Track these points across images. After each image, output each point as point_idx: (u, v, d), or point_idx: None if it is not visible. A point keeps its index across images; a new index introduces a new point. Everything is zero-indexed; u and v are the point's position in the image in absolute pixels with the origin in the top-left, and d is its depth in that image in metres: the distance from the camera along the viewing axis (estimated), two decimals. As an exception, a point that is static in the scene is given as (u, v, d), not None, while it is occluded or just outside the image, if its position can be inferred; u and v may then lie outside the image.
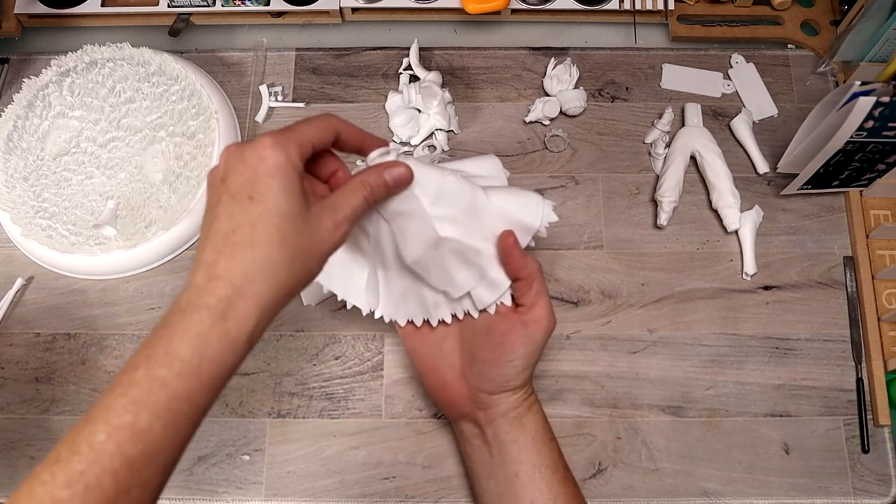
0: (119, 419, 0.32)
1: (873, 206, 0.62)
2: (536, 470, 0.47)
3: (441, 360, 0.50)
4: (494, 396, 0.48)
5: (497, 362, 0.47)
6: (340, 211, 0.38)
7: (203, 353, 0.33)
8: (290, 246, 0.36)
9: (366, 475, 0.56)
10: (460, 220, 0.46)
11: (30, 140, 0.62)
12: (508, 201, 0.48)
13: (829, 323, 0.60)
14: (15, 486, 0.56)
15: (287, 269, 0.36)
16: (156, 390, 0.32)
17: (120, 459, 0.31)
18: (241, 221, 0.35)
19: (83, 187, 0.60)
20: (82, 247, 0.59)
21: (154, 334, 0.34)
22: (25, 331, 0.61)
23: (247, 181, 0.36)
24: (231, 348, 0.34)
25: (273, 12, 0.69)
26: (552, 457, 0.48)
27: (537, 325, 0.47)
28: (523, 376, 0.48)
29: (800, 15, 0.69)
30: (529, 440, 0.48)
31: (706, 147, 0.63)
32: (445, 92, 0.65)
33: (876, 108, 0.49)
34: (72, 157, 0.61)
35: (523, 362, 0.47)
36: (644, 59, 0.68)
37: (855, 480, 0.56)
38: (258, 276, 0.35)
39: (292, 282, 0.36)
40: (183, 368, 0.33)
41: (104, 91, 0.63)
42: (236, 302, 0.34)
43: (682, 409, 0.58)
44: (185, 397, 0.33)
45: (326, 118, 0.40)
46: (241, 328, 0.34)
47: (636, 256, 0.62)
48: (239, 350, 0.35)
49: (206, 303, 0.34)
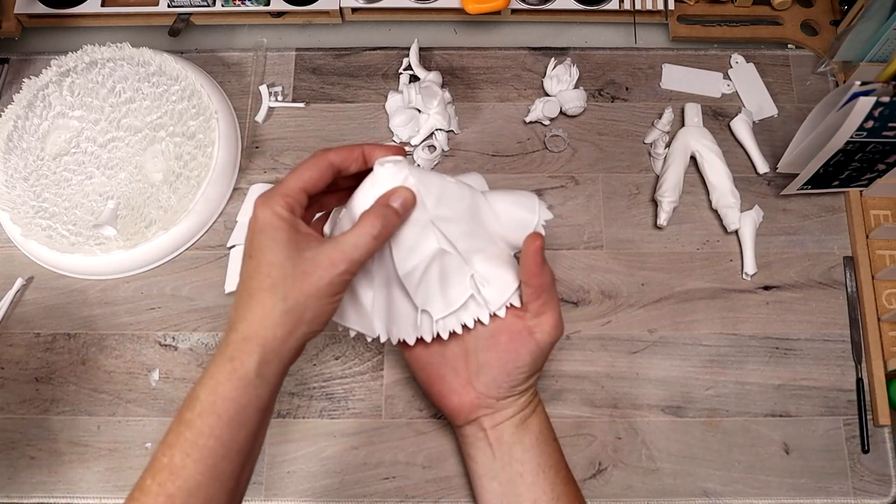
0: (158, 462, 0.38)
1: (873, 206, 0.62)
2: (540, 470, 0.47)
3: (445, 368, 0.50)
4: (502, 401, 0.48)
5: (504, 369, 0.47)
6: (341, 249, 0.41)
7: (217, 391, 0.39)
8: (281, 289, 0.40)
9: (366, 475, 0.56)
10: (462, 220, 0.46)
11: (30, 140, 0.62)
12: (505, 201, 0.48)
13: (829, 323, 0.60)
14: (15, 486, 0.56)
15: (281, 310, 0.40)
16: (183, 431, 0.38)
17: (163, 497, 0.37)
18: (244, 277, 0.41)
19: (83, 187, 0.60)
20: (82, 247, 0.59)
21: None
22: (25, 331, 0.61)
23: (247, 241, 0.42)
24: (240, 384, 0.39)
25: (273, 12, 0.69)
26: (555, 457, 0.49)
27: (544, 334, 0.47)
28: (530, 381, 0.49)
29: (800, 15, 0.69)
30: (533, 440, 0.48)
31: (706, 147, 0.63)
32: (445, 92, 0.65)
33: (876, 109, 0.49)
34: (72, 157, 0.61)
35: (530, 369, 0.48)
36: (644, 59, 0.68)
37: (855, 480, 0.56)
38: (256, 320, 0.40)
39: (291, 320, 0.40)
40: (203, 408, 0.38)
41: (104, 91, 0.63)
42: (240, 345, 0.39)
43: (682, 409, 0.58)
44: (209, 434, 0.38)
45: (316, 157, 0.43)
46: (245, 366, 0.39)
47: (636, 256, 0.62)
48: (249, 386, 0.39)
49: (221, 351, 0.40)
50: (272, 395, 0.41)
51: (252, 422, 0.39)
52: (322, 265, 0.40)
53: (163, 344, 0.60)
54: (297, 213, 0.42)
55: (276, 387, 0.41)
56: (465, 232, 0.46)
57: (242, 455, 0.39)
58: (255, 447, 0.41)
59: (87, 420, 0.58)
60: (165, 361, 0.60)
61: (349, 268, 0.41)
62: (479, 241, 0.47)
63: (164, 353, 0.60)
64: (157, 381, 0.59)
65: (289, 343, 0.41)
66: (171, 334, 0.60)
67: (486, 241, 0.47)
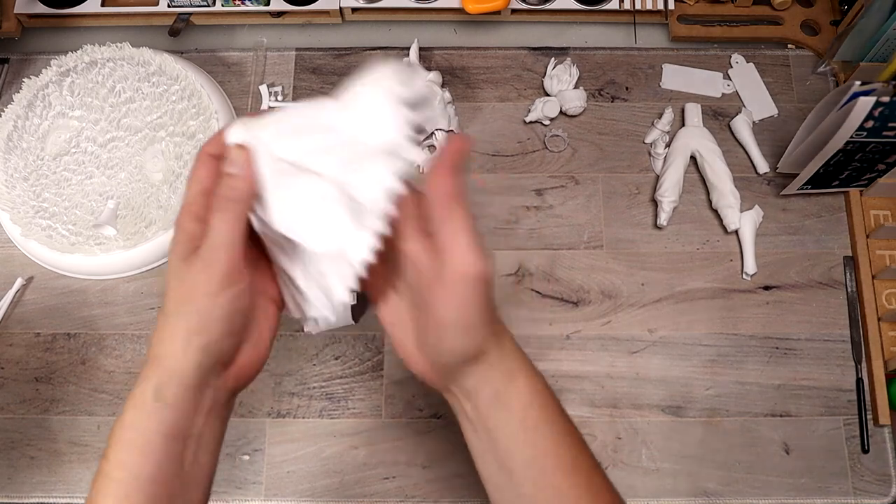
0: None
1: (873, 206, 0.62)
2: (535, 465, 0.38)
3: (401, 329, 0.41)
4: (452, 371, 0.38)
5: (429, 330, 0.38)
6: (206, 247, 0.37)
7: (121, 420, 0.38)
8: (166, 303, 0.37)
9: (366, 475, 0.56)
10: (327, 150, 0.40)
11: (30, 140, 0.62)
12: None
13: (829, 323, 0.60)
14: (15, 486, 0.56)
15: (166, 323, 0.37)
16: (101, 465, 0.38)
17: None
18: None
19: (83, 187, 0.60)
20: (82, 247, 0.59)
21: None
22: (25, 331, 0.61)
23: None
24: (139, 410, 0.37)
25: (273, 12, 0.69)
26: (550, 447, 0.38)
27: (457, 277, 0.35)
28: (469, 344, 0.37)
29: (800, 15, 0.69)
30: (517, 425, 0.38)
31: (706, 147, 0.63)
32: (445, 92, 0.65)
33: (876, 108, 0.49)
34: (72, 157, 0.61)
35: (459, 328, 0.36)
36: (644, 59, 0.68)
37: (855, 480, 0.56)
38: (154, 341, 0.37)
39: (179, 331, 0.37)
40: (112, 439, 0.38)
41: (104, 91, 0.63)
42: (144, 369, 0.38)
43: (682, 409, 0.58)
44: (116, 464, 0.37)
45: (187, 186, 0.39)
46: (143, 390, 0.37)
47: (636, 256, 0.62)
48: (149, 411, 0.37)
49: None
50: (182, 419, 0.36)
51: (159, 450, 0.36)
52: (196, 268, 0.37)
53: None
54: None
55: (184, 411, 0.37)
56: (334, 160, 0.39)
57: (158, 485, 0.36)
58: (179, 475, 0.37)
59: (87, 420, 0.58)
60: (165, 361, 0.60)
61: (221, 259, 0.36)
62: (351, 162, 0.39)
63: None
64: (157, 381, 0.59)
65: (186, 358, 0.36)
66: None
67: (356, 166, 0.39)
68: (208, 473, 0.38)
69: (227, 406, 0.40)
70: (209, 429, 0.38)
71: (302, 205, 0.39)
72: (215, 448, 0.39)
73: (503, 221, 0.63)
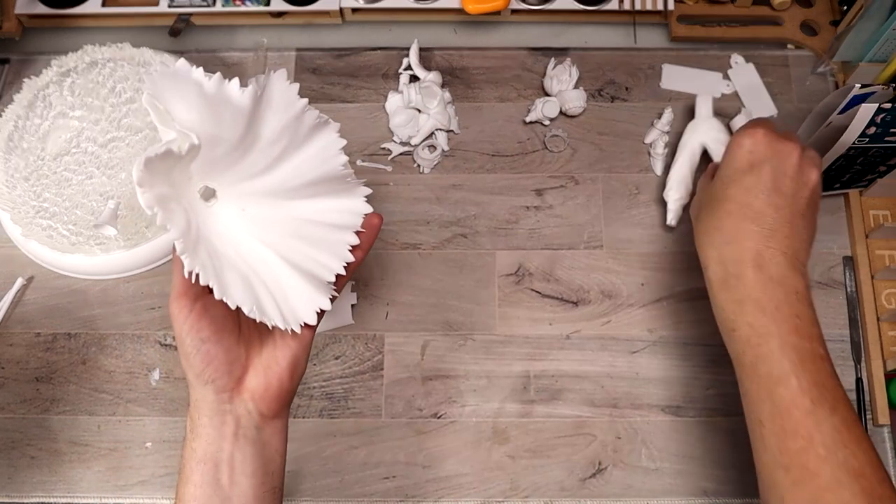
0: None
1: (873, 206, 0.62)
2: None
3: None
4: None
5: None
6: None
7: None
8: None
9: (366, 475, 0.56)
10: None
11: (30, 140, 0.62)
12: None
13: (828, 323, 0.60)
14: (15, 486, 0.56)
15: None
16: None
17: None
18: None
19: (84, 187, 0.60)
20: (83, 247, 0.59)
21: None
22: (26, 331, 0.61)
23: None
24: (186, 437, 0.41)
25: (273, 12, 0.69)
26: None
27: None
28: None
29: (799, 15, 0.69)
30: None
31: (717, 140, 0.61)
32: (445, 92, 0.65)
33: (878, 115, 0.49)
34: (72, 157, 0.61)
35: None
36: (644, 59, 0.68)
37: (854, 480, 0.56)
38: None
39: (192, 370, 0.41)
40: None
41: (105, 91, 0.63)
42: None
43: (682, 409, 0.58)
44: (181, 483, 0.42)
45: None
46: (188, 420, 0.42)
47: (636, 256, 0.62)
48: (186, 439, 0.41)
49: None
50: (207, 444, 0.40)
51: (195, 473, 0.40)
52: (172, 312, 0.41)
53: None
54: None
55: (207, 437, 0.40)
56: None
57: (198, 502, 0.40)
58: (217, 495, 0.40)
59: (88, 420, 0.58)
60: (166, 361, 0.60)
61: (181, 305, 0.40)
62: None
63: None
64: (158, 381, 0.59)
65: (195, 390, 0.41)
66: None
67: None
68: (251, 493, 0.41)
69: (258, 430, 0.42)
70: (240, 452, 0.41)
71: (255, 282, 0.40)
72: (253, 470, 0.41)
73: (503, 221, 0.63)
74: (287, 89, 0.38)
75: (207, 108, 0.36)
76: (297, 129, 0.40)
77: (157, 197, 0.35)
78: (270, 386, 0.42)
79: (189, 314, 0.40)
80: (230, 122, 0.37)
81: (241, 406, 0.41)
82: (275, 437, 0.43)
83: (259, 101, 0.37)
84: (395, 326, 0.60)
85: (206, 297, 0.40)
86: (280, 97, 0.38)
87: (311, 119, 0.40)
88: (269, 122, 0.39)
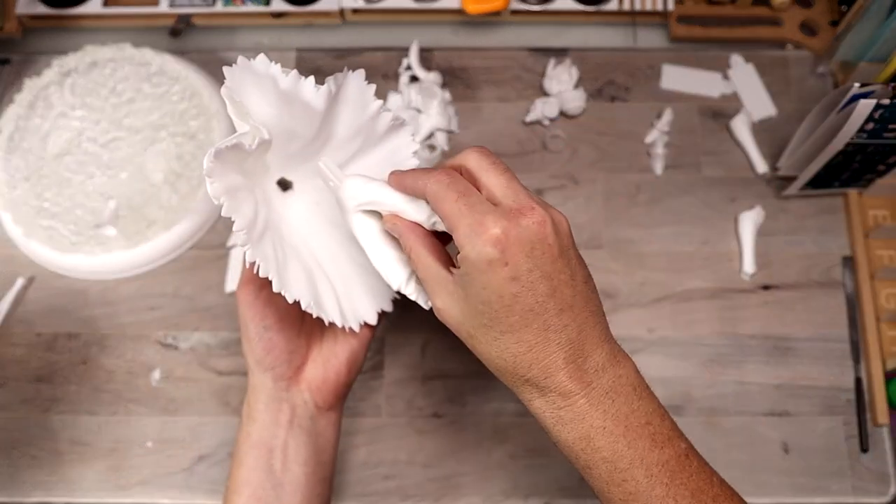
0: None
1: (872, 206, 0.62)
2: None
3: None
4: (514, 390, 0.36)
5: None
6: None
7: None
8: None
9: (366, 474, 0.56)
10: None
11: (31, 140, 0.62)
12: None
13: (828, 323, 0.60)
14: (16, 486, 0.56)
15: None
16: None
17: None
18: None
19: (84, 187, 0.60)
20: (83, 247, 0.60)
21: None
22: (26, 331, 0.61)
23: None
24: (240, 423, 0.44)
25: (273, 13, 0.70)
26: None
27: (468, 271, 0.32)
28: (508, 363, 0.34)
29: (799, 15, 0.69)
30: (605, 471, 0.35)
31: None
32: (445, 92, 0.65)
33: (876, 111, 0.49)
34: (73, 158, 0.61)
35: (489, 344, 0.34)
36: (643, 59, 0.69)
37: (854, 480, 0.56)
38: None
39: (253, 356, 0.43)
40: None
41: (105, 91, 0.63)
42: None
43: (682, 409, 0.58)
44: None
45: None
46: (244, 405, 0.44)
47: (636, 256, 0.62)
48: (242, 423, 0.44)
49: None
50: (261, 430, 0.42)
51: (249, 457, 0.42)
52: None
53: (164, 343, 0.60)
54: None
55: (262, 423, 0.42)
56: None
57: (250, 486, 0.41)
58: (269, 480, 0.42)
59: (88, 419, 0.58)
60: (166, 361, 0.60)
61: (246, 291, 0.43)
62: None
63: (165, 352, 0.60)
64: (159, 381, 0.59)
65: (254, 376, 0.43)
66: (171, 334, 0.60)
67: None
68: (303, 481, 0.42)
69: (313, 420, 0.43)
70: (293, 440, 0.42)
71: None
72: (306, 458, 0.43)
73: (503, 221, 0.63)
74: (364, 89, 0.39)
75: (283, 104, 0.37)
76: (373, 129, 0.40)
77: (225, 187, 0.35)
78: (328, 378, 0.43)
79: (255, 301, 0.41)
80: (304, 119, 0.37)
81: (298, 395, 0.43)
82: (328, 429, 0.44)
83: (335, 99, 0.38)
84: (395, 326, 0.60)
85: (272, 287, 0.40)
86: (356, 97, 0.39)
87: (386, 120, 0.40)
88: (345, 121, 0.39)
